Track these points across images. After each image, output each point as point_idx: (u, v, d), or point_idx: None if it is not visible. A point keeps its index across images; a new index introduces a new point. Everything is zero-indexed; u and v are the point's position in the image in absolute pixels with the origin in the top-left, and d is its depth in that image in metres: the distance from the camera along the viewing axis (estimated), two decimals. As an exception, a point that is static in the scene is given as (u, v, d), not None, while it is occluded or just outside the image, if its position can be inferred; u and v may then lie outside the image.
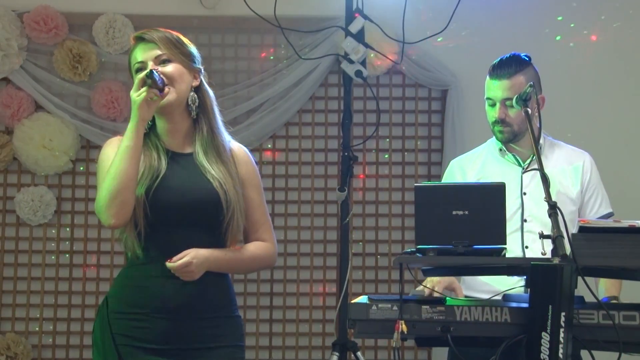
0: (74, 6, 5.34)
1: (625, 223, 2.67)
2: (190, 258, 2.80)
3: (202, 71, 3.00)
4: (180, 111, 2.92)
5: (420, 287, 3.18)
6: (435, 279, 3.31)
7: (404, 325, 2.62)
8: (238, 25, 5.37)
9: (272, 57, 5.38)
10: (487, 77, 3.49)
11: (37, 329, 5.31)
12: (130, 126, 2.80)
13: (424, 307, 2.65)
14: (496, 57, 3.52)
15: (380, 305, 2.67)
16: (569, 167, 3.54)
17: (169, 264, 2.79)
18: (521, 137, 3.48)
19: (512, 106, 3.39)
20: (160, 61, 2.88)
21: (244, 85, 5.36)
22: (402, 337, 2.63)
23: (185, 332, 2.84)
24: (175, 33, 2.97)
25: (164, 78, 2.85)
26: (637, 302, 2.77)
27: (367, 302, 2.68)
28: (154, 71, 2.81)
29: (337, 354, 4.27)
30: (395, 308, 2.65)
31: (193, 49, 2.98)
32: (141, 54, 2.90)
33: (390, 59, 5.04)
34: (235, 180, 2.92)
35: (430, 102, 5.47)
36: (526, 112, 3.14)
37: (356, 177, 5.21)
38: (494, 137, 3.59)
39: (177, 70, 2.89)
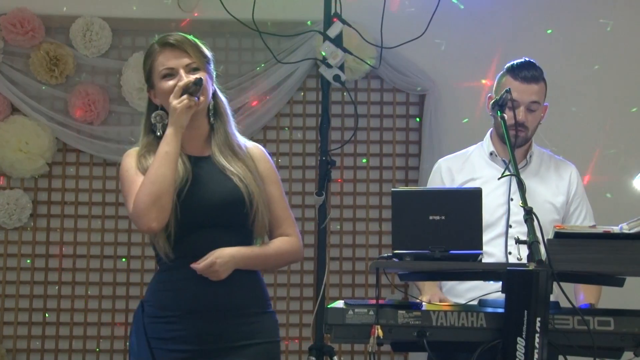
0: (50, 9, 5.31)
1: (600, 229, 2.69)
2: (214, 258, 2.83)
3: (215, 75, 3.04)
4: (202, 117, 2.97)
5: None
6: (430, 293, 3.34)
7: (380, 330, 2.63)
8: (216, 29, 5.36)
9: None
10: (510, 79, 3.46)
11: (11, 333, 5.27)
12: (170, 132, 2.85)
13: (400, 312, 2.66)
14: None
15: (356, 310, 2.67)
16: (556, 177, 3.55)
17: (193, 266, 2.83)
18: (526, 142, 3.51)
19: (534, 110, 3.41)
20: (191, 69, 2.91)
21: (222, 89, 5.33)
22: (379, 342, 2.64)
23: (218, 331, 2.87)
24: (194, 38, 2.99)
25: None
26: (612, 307, 2.78)
27: (344, 306, 2.69)
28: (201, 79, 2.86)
29: (313, 358, 4.26)
30: (371, 313, 2.65)
31: (211, 54, 3.02)
32: (172, 60, 2.92)
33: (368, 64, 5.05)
34: (255, 175, 2.96)
35: (408, 107, 5.48)
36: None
37: (334, 181, 5.20)
38: (485, 139, 3.60)
39: (205, 78, 2.92)
